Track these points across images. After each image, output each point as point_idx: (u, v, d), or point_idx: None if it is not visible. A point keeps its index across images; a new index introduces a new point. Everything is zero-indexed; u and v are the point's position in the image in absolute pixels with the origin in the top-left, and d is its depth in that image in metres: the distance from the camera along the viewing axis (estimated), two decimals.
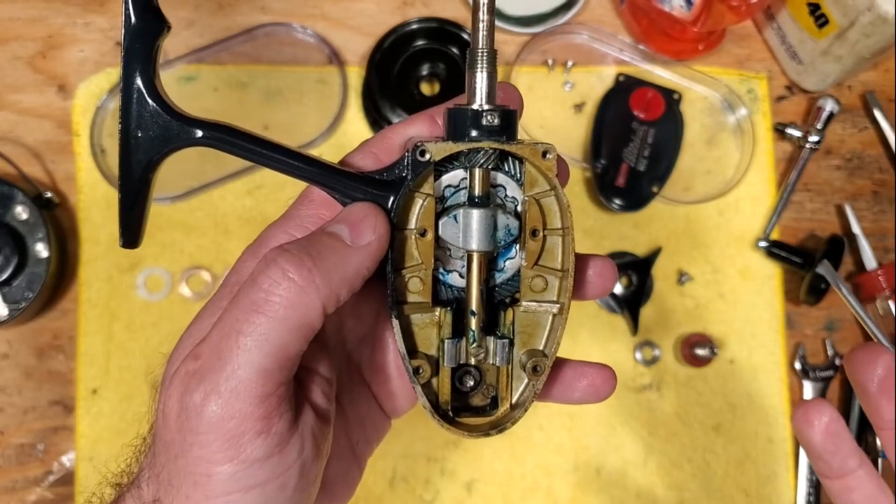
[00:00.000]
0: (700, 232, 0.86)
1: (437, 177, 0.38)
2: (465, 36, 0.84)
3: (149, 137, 0.36)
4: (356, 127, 0.85)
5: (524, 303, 0.40)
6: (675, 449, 0.83)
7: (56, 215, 0.81)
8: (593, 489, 0.81)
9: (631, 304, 0.83)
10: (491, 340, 0.40)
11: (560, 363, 0.41)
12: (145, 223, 0.37)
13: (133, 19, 0.35)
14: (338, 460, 0.40)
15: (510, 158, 0.39)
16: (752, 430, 0.84)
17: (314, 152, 0.84)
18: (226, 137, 0.36)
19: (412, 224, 0.38)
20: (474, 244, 0.38)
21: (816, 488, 0.83)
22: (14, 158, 0.80)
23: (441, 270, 0.40)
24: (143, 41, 0.35)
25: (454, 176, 0.39)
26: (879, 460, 0.82)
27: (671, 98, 0.87)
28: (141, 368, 0.80)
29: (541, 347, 0.40)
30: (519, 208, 0.40)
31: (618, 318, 0.84)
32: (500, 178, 0.39)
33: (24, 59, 0.84)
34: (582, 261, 0.41)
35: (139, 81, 0.35)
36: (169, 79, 0.84)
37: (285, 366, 0.33)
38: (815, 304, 0.84)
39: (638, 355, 0.83)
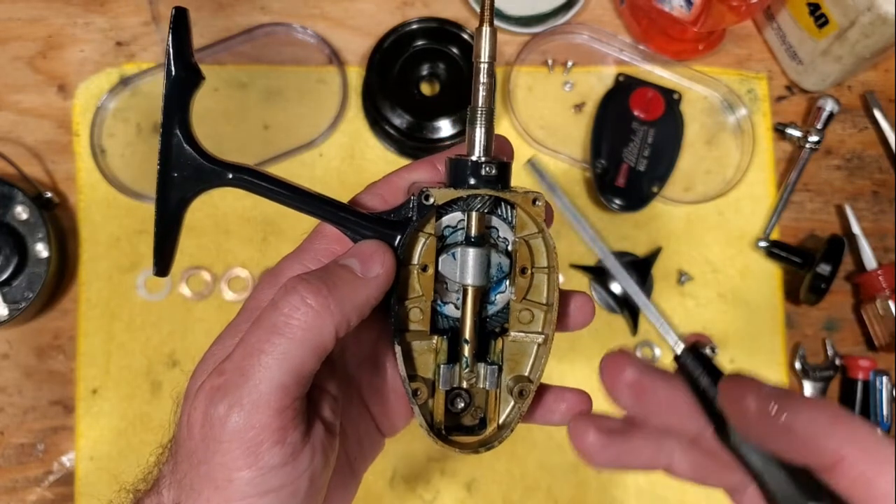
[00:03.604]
0: (700, 232, 0.86)
1: (438, 218, 0.43)
2: (466, 36, 0.84)
3: (184, 178, 0.40)
4: (356, 127, 0.85)
5: (512, 333, 0.44)
6: None
7: (56, 215, 0.81)
8: (593, 489, 0.81)
9: (631, 304, 0.83)
10: (482, 366, 0.44)
11: (541, 388, 0.45)
12: (175, 253, 0.41)
13: (174, 72, 0.39)
14: (337, 474, 0.43)
15: (503, 204, 0.43)
16: None
17: (314, 152, 0.84)
18: (252, 180, 0.40)
19: (415, 260, 0.42)
20: (469, 279, 0.42)
21: None
22: (14, 158, 0.80)
23: (439, 302, 0.44)
24: (181, 92, 0.39)
25: (453, 218, 0.43)
26: None
27: (671, 98, 0.87)
28: (141, 368, 0.80)
29: (526, 374, 0.44)
30: (510, 248, 0.44)
31: (618, 318, 0.84)
32: (494, 220, 0.43)
33: (24, 60, 0.84)
34: (565, 296, 0.45)
35: (178, 129, 0.39)
36: None
37: (301, 382, 0.37)
38: (815, 304, 0.84)
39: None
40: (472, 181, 0.41)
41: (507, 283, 0.44)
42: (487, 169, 0.41)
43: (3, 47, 0.84)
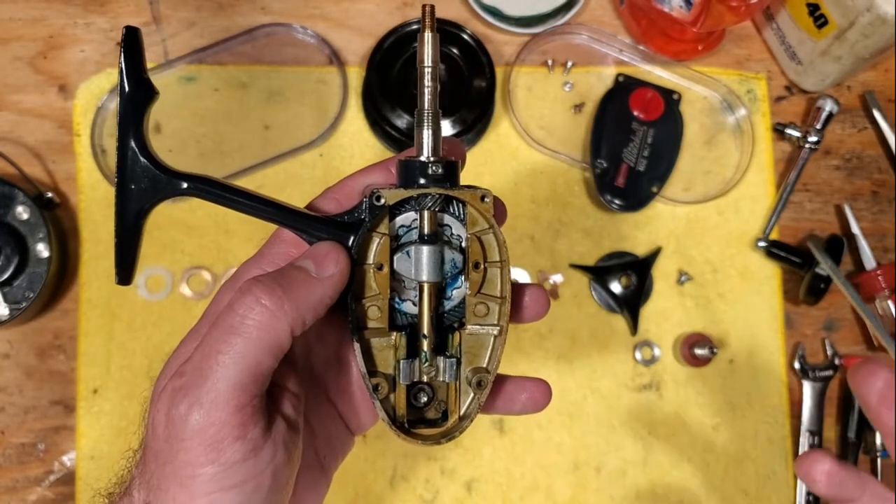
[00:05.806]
0: (700, 232, 0.87)
1: (392, 218, 0.44)
2: (465, 36, 0.84)
3: (141, 189, 0.41)
4: (356, 127, 0.86)
5: (469, 326, 0.45)
6: (675, 449, 0.83)
7: (57, 215, 0.81)
8: (593, 489, 0.81)
9: (631, 304, 0.83)
10: (441, 360, 0.45)
11: (503, 379, 0.46)
12: (137, 262, 0.43)
13: (127, 89, 0.40)
14: (307, 473, 0.44)
15: (454, 201, 0.45)
16: (752, 430, 0.84)
17: (314, 152, 0.84)
18: (207, 188, 0.42)
19: (370, 259, 0.44)
20: (425, 276, 0.44)
21: None
22: (15, 158, 0.81)
23: (397, 299, 0.45)
24: (135, 108, 0.41)
25: (406, 217, 0.44)
26: (878, 459, 0.82)
27: (671, 98, 0.87)
28: (142, 368, 0.80)
29: (484, 365, 0.46)
30: (463, 244, 0.45)
31: (617, 317, 0.84)
32: (447, 218, 0.45)
33: (24, 60, 0.85)
34: (518, 289, 0.46)
35: (133, 143, 0.41)
36: (170, 79, 0.84)
37: (258, 380, 0.38)
38: (814, 304, 0.84)
39: (637, 355, 0.83)
40: (421, 181, 0.42)
41: (462, 278, 0.45)
42: (434, 168, 0.42)
43: (4, 47, 0.85)
